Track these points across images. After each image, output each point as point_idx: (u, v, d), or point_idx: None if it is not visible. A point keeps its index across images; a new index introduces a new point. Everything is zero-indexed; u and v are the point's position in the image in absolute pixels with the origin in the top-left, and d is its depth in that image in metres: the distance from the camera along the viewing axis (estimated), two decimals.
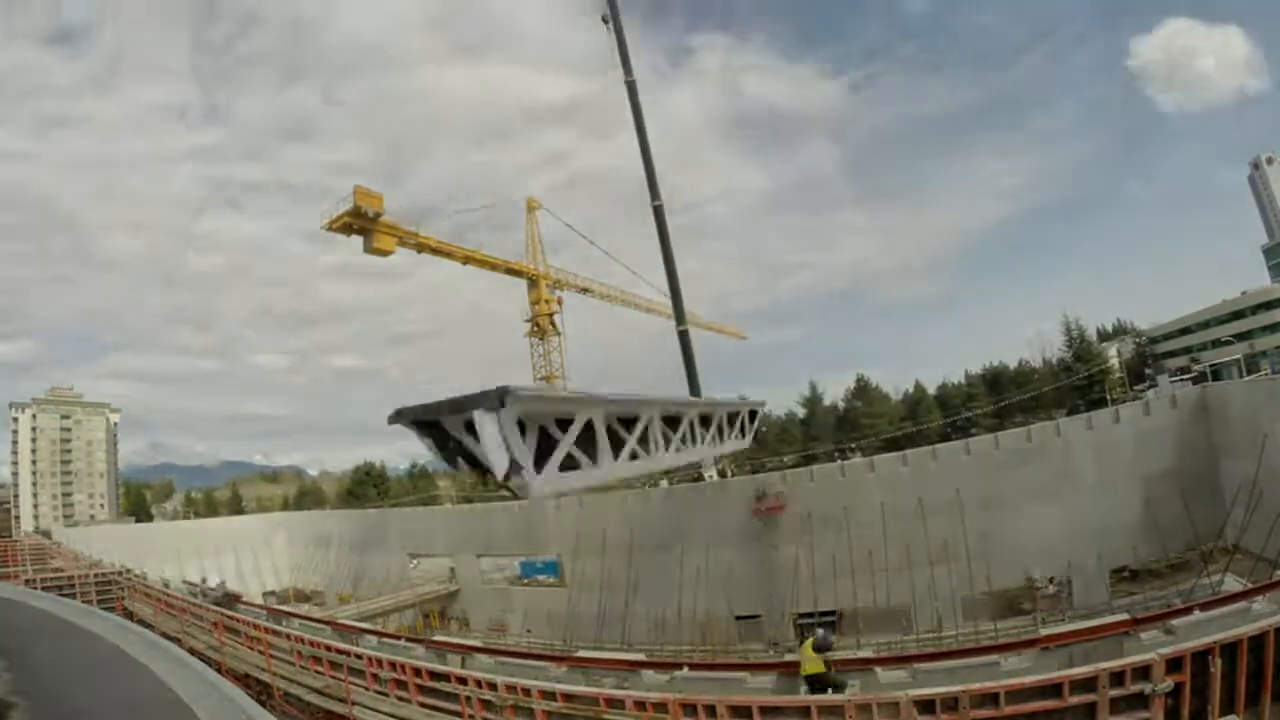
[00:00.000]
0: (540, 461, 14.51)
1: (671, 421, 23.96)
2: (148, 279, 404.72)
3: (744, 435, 33.04)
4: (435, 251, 50.54)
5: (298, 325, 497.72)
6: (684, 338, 41.80)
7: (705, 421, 27.69)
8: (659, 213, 42.04)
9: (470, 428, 11.60)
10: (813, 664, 11.04)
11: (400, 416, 14.07)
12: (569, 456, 15.98)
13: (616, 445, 19.01)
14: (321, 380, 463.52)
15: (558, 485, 14.79)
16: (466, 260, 53.68)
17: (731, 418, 31.38)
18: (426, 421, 12.89)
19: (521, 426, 13.27)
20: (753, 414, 34.82)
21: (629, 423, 19.84)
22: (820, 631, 12.14)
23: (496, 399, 11.92)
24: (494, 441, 11.58)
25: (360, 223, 43.13)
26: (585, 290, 63.53)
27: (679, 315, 42.19)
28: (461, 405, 12.06)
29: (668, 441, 23.30)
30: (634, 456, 19.68)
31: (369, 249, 44.90)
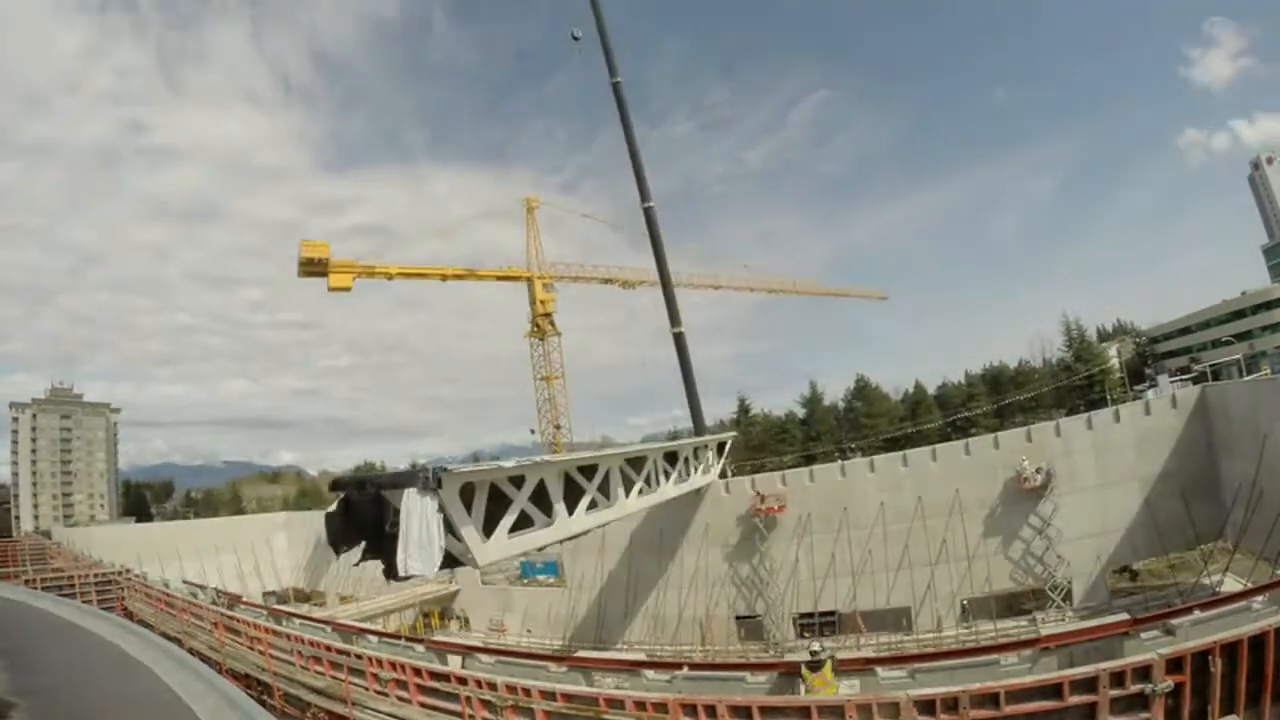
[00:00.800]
0: (490, 524, 14.43)
1: (635, 463, 23.95)
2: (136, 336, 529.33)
3: (711, 469, 33.14)
4: (403, 275, 52.62)
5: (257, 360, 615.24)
6: (679, 340, 41.66)
7: (671, 459, 27.78)
8: (649, 214, 42.04)
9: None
10: (830, 689, 10.51)
11: (337, 487, 14.33)
12: (523, 514, 15.93)
13: (576, 495, 19.14)
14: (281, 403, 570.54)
15: (508, 550, 14.80)
16: (445, 278, 54.94)
17: (698, 451, 31.49)
18: (360, 500, 12.52)
19: (471, 490, 13.14)
20: (721, 446, 34.83)
21: (590, 470, 19.87)
22: (817, 647, 11.89)
23: (434, 478, 11.17)
24: (419, 533, 10.84)
25: (314, 267, 49.05)
26: (579, 279, 63.18)
27: (673, 317, 42.08)
28: (398, 481, 11.73)
29: (630, 484, 23.34)
30: (593, 505, 19.97)
31: (330, 287, 49.85)
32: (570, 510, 18.43)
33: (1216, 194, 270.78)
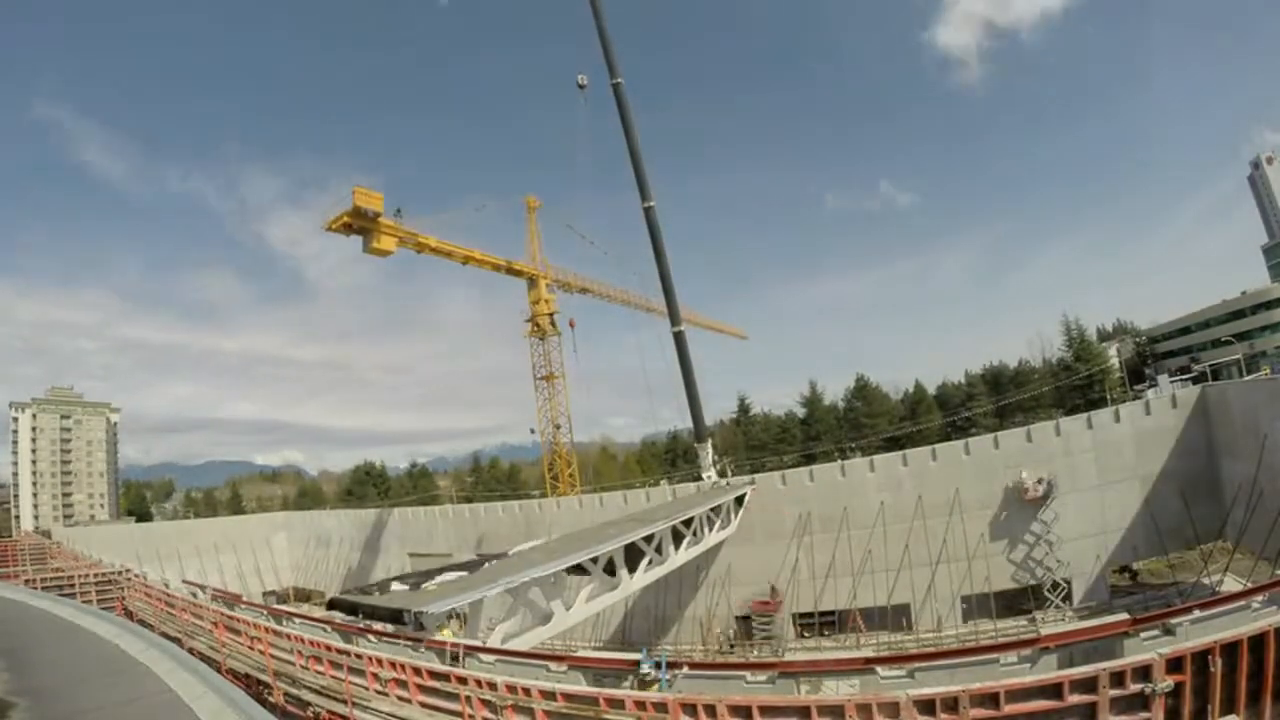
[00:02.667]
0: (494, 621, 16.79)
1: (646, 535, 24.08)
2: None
3: (729, 522, 33.30)
4: (435, 251, 50.26)
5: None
6: (679, 339, 41.62)
7: (687, 522, 27.73)
8: (650, 214, 41.97)
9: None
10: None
11: (334, 606, 17.76)
12: (523, 610, 17.99)
13: (582, 582, 19.88)
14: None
15: (517, 661, 15.74)
16: (466, 260, 53.55)
17: (716, 510, 31.46)
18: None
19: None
20: (740, 499, 34.84)
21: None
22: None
23: (415, 620, 14.28)
24: None
25: (360, 223, 42.80)
26: (585, 290, 63.44)
27: (673, 316, 42.03)
28: (382, 615, 15.38)
29: (638, 558, 23.59)
30: (597, 587, 20.71)
31: (368, 249, 44.16)
32: (571, 600, 19.80)
33: (1217, 194, 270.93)
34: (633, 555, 23.41)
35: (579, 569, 19.97)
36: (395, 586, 19.16)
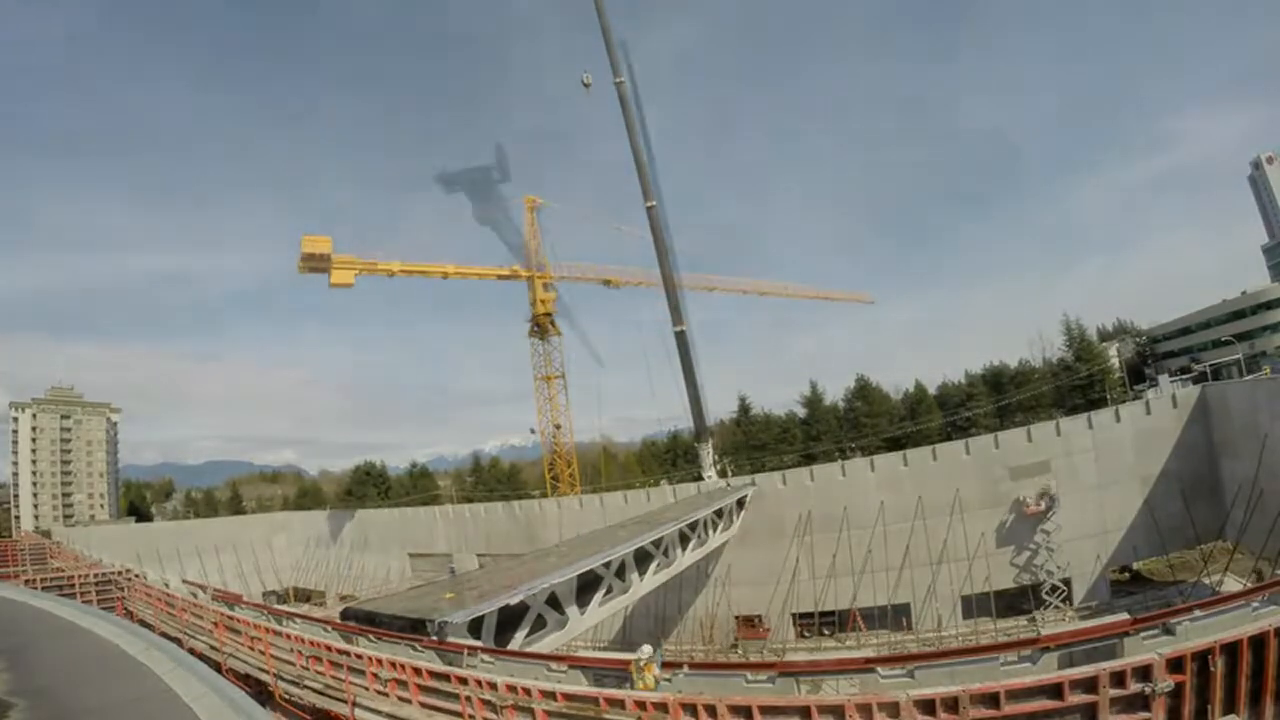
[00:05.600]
0: (508, 627, 16.58)
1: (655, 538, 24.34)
2: None
3: (733, 523, 33.56)
4: (404, 273, 51.82)
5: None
6: (681, 339, 41.67)
7: (693, 525, 28.03)
8: (652, 214, 42.06)
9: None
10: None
11: (347, 616, 17.68)
12: (539, 615, 17.91)
13: (593, 586, 20.16)
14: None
15: (521, 658, 15.83)
16: (447, 275, 54.37)
17: (719, 512, 31.68)
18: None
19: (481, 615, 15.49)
20: (740, 501, 35.06)
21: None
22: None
23: (440, 629, 14.44)
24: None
25: (314, 263, 46.89)
26: (580, 279, 63.09)
27: (675, 315, 42.09)
28: (401, 626, 15.48)
29: (647, 561, 23.86)
30: (609, 591, 21.02)
31: (332, 283, 47.71)
32: (586, 602, 19.96)
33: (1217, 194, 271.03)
34: (641, 558, 23.60)
35: (591, 574, 20.08)
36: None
